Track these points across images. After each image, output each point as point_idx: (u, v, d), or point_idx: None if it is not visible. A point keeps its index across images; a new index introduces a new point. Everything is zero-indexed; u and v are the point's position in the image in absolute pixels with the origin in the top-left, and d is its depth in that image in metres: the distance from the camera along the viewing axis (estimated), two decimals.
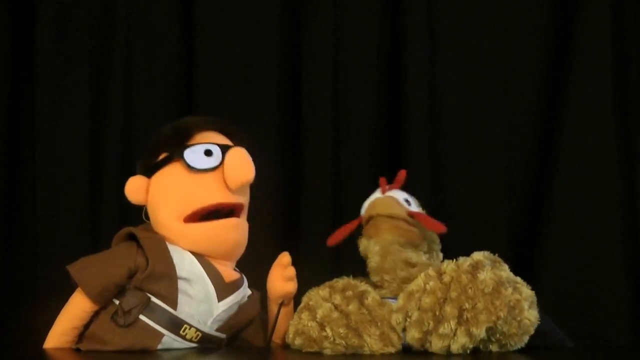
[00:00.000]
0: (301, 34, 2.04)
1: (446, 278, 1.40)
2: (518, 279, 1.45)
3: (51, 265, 1.92)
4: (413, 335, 1.39)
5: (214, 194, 1.53)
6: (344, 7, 2.04)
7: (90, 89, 1.99)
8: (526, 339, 1.44)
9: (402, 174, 1.66)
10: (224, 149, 1.54)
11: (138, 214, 1.65)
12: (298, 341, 1.45)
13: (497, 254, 1.45)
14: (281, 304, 1.56)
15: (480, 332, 1.37)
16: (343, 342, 1.42)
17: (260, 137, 1.70)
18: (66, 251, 1.92)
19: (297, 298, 1.58)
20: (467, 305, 1.37)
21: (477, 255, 1.44)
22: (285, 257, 1.56)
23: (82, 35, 2.00)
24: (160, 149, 1.56)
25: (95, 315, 1.50)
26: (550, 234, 1.96)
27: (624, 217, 1.96)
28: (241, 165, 1.52)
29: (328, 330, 1.43)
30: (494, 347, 1.43)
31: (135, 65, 2.02)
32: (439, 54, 2.04)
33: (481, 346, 1.43)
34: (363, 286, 1.49)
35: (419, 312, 1.39)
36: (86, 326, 1.51)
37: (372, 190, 2.02)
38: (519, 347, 1.44)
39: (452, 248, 1.59)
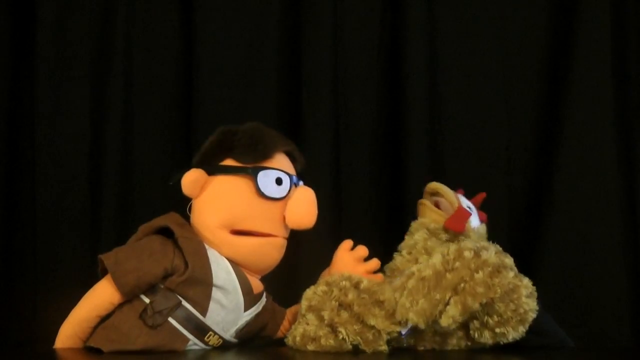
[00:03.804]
0: (301, 34, 2.03)
1: (449, 256, 1.44)
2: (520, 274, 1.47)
3: (51, 265, 1.93)
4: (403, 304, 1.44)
5: (270, 225, 1.53)
6: (344, 6, 2.04)
7: (90, 89, 1.99)
8: (522, 330, 1.44)
9: (480, 196, 1.74)
10: (293, 181, 1.55)
11: (139, 214, 1.65)
12: (312, 347, 1.46)
13: None
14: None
15: (474, 304, 1.38)
16: (359, 337, 1.43)
17: None
18: (66, 251, 1.93)
19: (296, 299, 1.58)
20: (467, 277, 1.40)
21: (483, 242, 1.49)
22: (362, 250, 1.61)
23: (82, 36, 2.00)
24: (231, 153, 1.55)
25: (117, 306, 1.49)
26: (550, 234, 1.96)
27: (624, 217, 1.96)
28: (306, 210, 1.54)
29: (342, 330, 1.44)
30: (488, 336, 1.43)
31: (135, 65, 2.02)
32: (439, 53, 2.04)
33: (476, 334, 1.43)
34: (357, 277, 1.50)
35: (416, 280, 1.43)
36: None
37: (372, 190, 2.03)
38: (515, 338, 1.44)
39: None
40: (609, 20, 2.00)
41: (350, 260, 1.61)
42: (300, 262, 1.92)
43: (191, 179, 1.54)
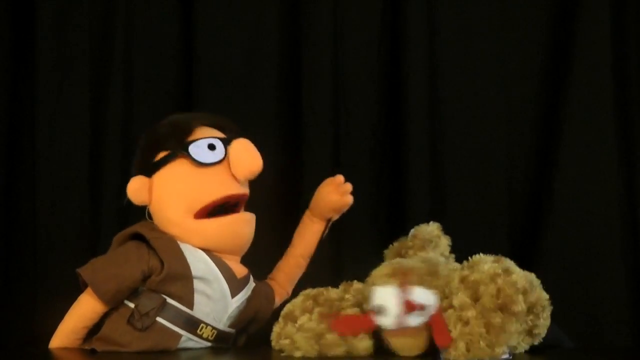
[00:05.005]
0: (301, 34, 2.03)
1: (460, 290, 1.38)
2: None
3: (51, 265, 1.93)
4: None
5: (223, 187, 1.54)
6: (344, 6, 2.04)
7: (90, 89, 1.99)
8: (549, 321, 1.44)
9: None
10: (226, 142, 1.55)
11: (138, 214, 1.65)
12: (278, 346, 1.46)
13: (497, 254, 1.45)
14: (329, 220, 1.64)
15: (521, 307, 1.35)
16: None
17: (260, 136, 1.71)
18: (66, 251, 1.93)
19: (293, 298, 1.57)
20: (494, 292, 1.35)
21: (468, 263, 1.44)
22: (339, 176, 1.64)
23: (82, 35, 2.00)
24: (158, 147, 1.56)
25: (105, 315, 1.50)
26: (550, 233, 1.96)
27: (624, 216, 1.96)
28: (248, 156, 1.54)
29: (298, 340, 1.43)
30: (528, 342, 1.42)
31: (135, 65, 2.02)
32: (439, 53, 2.04)
33: (520, 345, 1.42)
34: (346, 301, 1.46)
35: (465, 325, 1.36)
36: (96, 325, 1.52)
37: (372, 190, 2.03)
38: (546, 328, 1.43)
39: (452, 248, 1.60)
40: (609, 20, 1.99)
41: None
42: None
43: (134, 188, 1.55)
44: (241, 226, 1.56)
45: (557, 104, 2.01)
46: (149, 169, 1.56)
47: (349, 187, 1.64)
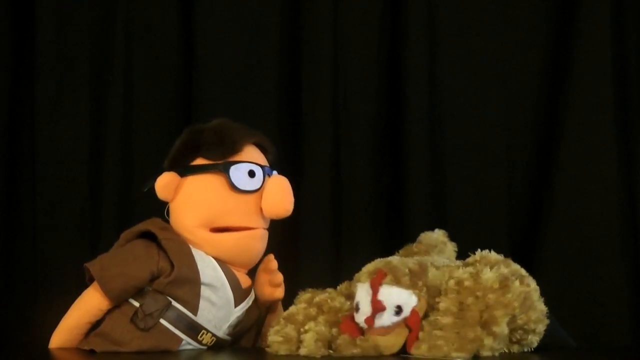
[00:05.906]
0: (301, 34, 2.04)
1: (453, 294, 1.38)
2: (522, 270, 1.45)
3: (51, 265, 1.93)
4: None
5: (247, 218, 1.54)
6: (344, 6, 2.04)
7: (90, 90, 1.99)
8: (542, 330, 1.43)
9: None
10: (266, 172, 1.55)
11: (139, 215, 1.65)
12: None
13: (498, 254, 1.45)
14: (267, 309, 1.60)
15: (502, 329, 1.35)
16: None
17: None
18: (66, 251, 1.93)
19: (292, 298, 1.57)
20: (482, 307, 1.36)
21: (472, 258, 1.44)
22: (272, 262, 1.59)
23: (82, 36, 2.00)
24: (199, 152, 1.55)
25: (107, 311, 1.50)
26: (550, 234, 1.96)
27: (624, 217, 1.96)
28: (282, 198, 1.54)
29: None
30: (516, 349, 1.42)
31: (135, 65, 2.02)
32: (438, 53, 2.04)
33: (505, 350, 1.41)
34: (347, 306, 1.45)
35: (440, 329, 1.35)
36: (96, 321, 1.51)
37: (372, 190, 2.03)
38: (537, 340, 1.43)
39: None
40: (609, 20, 1.99)
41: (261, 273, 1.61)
42: (300, 263, 1.93)
43: (163, 183, 1.54)
44: (254, 242, 1.56)
45: (557, 104, 2.01)
46: (183, 169, 1.55)
47: (280, 279, 1.60)
